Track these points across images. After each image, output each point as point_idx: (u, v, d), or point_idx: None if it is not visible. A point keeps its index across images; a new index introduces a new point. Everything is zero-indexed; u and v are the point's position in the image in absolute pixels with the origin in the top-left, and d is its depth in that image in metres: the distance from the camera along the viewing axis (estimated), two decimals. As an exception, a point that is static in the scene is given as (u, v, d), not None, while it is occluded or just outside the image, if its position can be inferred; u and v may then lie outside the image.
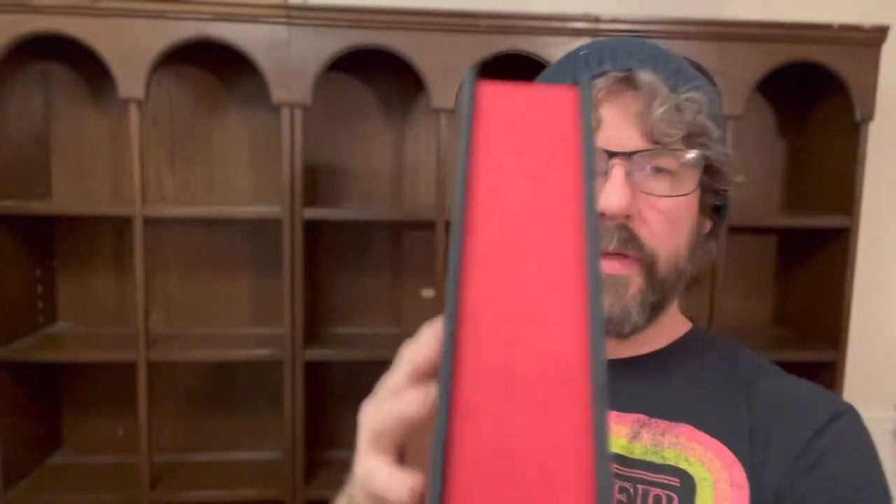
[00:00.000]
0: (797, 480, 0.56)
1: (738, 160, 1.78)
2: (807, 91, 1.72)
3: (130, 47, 1.39)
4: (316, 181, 1.67)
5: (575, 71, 0.61)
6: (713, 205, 0.64)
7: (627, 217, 0.57)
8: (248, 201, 1.66)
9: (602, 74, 0.58)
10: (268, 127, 1.65)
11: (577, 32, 1.46)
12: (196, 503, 1.52)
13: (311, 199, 1.58)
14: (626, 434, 0.61)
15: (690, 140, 0.58)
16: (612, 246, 0.57)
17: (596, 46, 0.62)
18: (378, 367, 0.44)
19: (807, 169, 1.75)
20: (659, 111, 0.56)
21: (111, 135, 1.64)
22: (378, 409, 0.36)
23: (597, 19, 1.46)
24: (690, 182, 0.59)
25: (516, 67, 1.52)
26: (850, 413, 0.62)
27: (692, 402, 0.62)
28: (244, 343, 1.58)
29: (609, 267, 0.58)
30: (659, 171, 0.59)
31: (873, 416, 1.92)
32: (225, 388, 1.73)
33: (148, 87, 1.41)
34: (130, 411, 1.55)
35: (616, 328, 0.59)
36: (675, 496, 0.57)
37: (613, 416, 0.62)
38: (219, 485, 1.56)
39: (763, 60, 1.50)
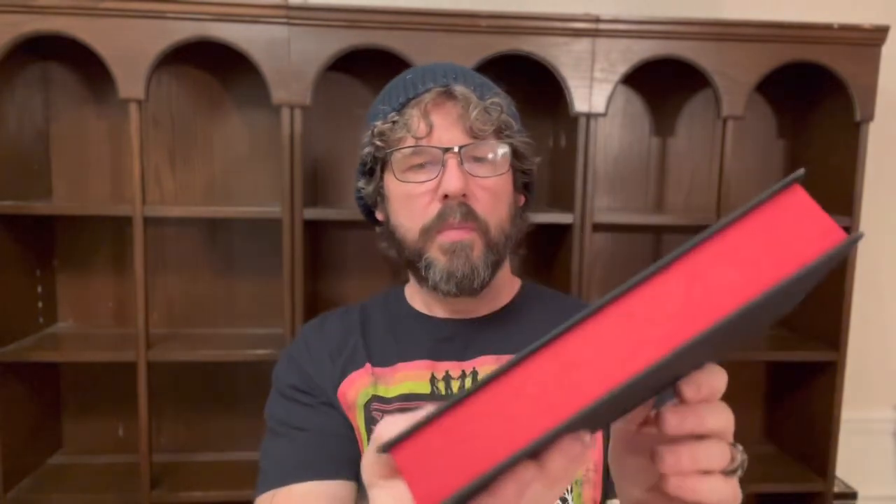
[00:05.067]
0: None
1: (739, 160, 1.79)
2: (807, 91, 1.72)
3: (130, 47, 1.39)
4: (316, 181, 1.67)
5: (405, 91, 0.77)
6: (524, 182, 0.84)
7: (464, 196, 0.75)
8: (247, 201, 1.66)
9: (427, 91, 0.76)
10: (268, 127, 1.65)
11: (577, 32, 1.46)
12: (196, 503, 1.52)
13: (311, 199, 1.58)
14: None
15: (499, 133, 0.77)
16: (457, 220, 0.75)
17: (418, 71, 0.81)
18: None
19: (807, 169, 1.74)
20: (474, 113, 0.75)
21: (111, 135, 1.64)
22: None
23: (597, 19, 1.46)
24: (504, 164, 0.78)
25: (516, 67, 1.52)
26: None
27: None
28: (244, 343, 1.58)
29: (457, 236, 0.75)
30: (480, 159, 0.77)
31: (873, 416, 1.93)
32: (225, 388, 1.73)
33: (148, 87, 1.41)
34: (130, 411, 1.55)
35: (469, 283, 0.76)
36: None
37: (494, 359, 0.81)
38: (219, 485, 1.56)
39: (763, 60, 1.50)
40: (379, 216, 0.87)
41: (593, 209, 1.52)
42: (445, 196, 0.74)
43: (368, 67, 1.63)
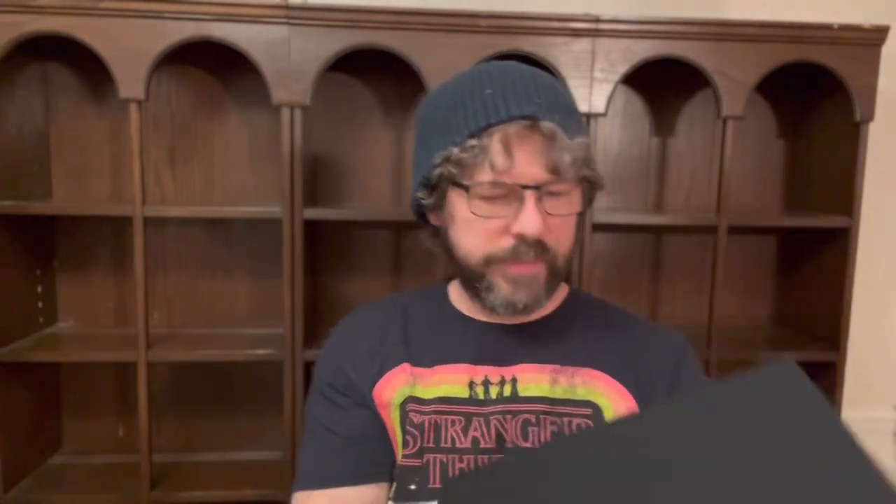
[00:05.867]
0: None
1: (739, 160, 1.79)
2: (807, 91, 1.72)
3: (130, 47, 1.39)
4: (316, 181, 1.68)
5: (486, 114, 0.72)
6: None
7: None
8: (248, 201, 1.66)
9: (511, 120, 0.71)
10: (268, 127, 1.65)
11: (577, 32, 1.46)
12: (196, 503, 1.52)
13: (311, 199, 1.58)
14: (547, 381, 0.79)
15: (579, 169, 0.74)
16: (531, 258, 0.74)
17: (497, 85, 0.74)
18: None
19: (807, 169, 1.75)
20: (560, 153, 0.71)
21: (111, 135, 1.64)
22: None
23: (597, 19, 1.46)
24: (578, 198, 0.77)
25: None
26: (690, 348, 0.86)
27: (588, 350, 0.82)
28: (244, 343, 1.58)
29: (525, 269, 0.75)
30: (557, 193, 0.74)
31: (873, 416, 1.93)
32: (225, 388, 1.73)
33: (148, 87, 1.41)
34: (130, 411, 1.55)
35: (528, 312, 0.78)
36: (591, 421, 0.77)
37: (535, 368, 0.80)
38: (219, 485, 1.56)
39: (763, 60, 1.50)
40: (434, 221, 0.84)
41: (593, 209, 1.51)
42: (522, 235, 0.73)
43: (368, 67, 1.63)
